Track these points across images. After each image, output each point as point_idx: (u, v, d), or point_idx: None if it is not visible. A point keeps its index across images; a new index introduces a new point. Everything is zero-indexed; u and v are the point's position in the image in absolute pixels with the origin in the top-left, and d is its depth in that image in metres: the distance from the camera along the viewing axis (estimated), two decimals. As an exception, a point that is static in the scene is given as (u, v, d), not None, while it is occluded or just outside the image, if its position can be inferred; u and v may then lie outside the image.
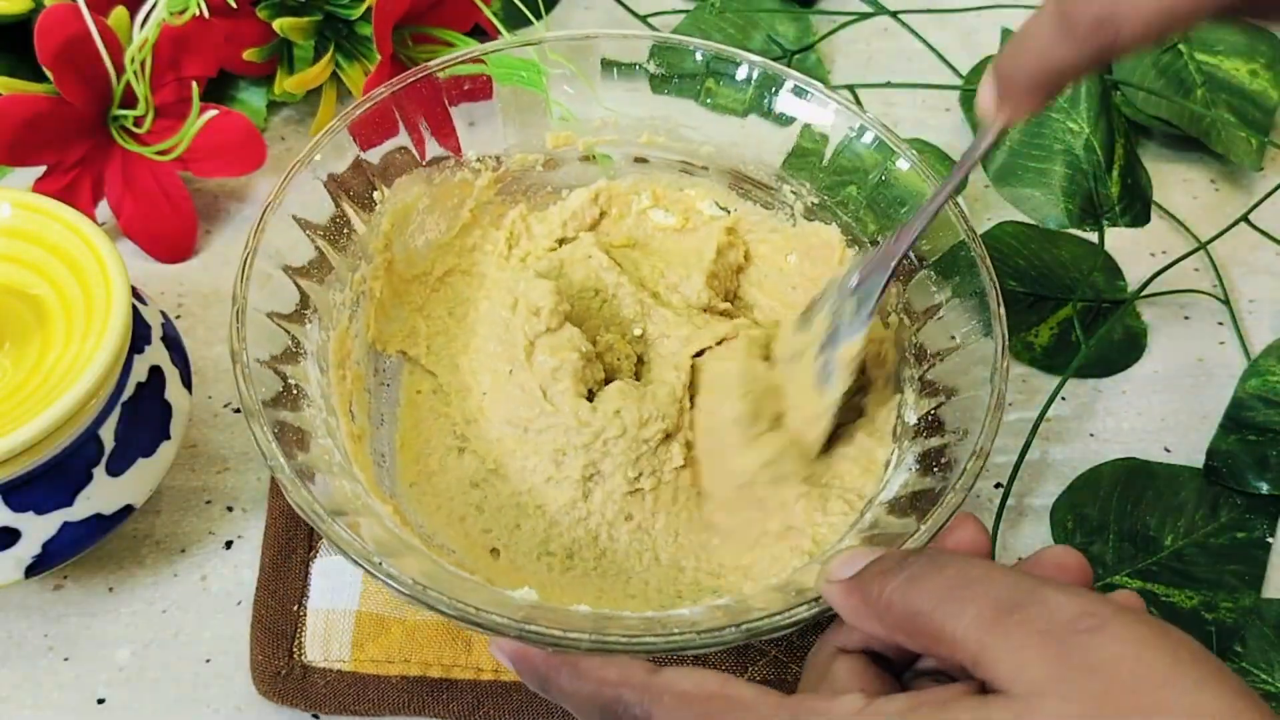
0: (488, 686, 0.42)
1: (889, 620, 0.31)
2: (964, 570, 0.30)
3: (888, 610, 0.31)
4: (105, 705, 0.42)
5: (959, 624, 0.29)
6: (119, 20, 0.51)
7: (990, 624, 0.28)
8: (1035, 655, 0.27)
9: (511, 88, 0.51)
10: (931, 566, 0.31)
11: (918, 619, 0.30)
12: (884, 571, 0.32)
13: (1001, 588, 0.29)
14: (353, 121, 0.47)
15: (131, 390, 0.41)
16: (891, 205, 0.48)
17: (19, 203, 0.43)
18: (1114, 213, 0.56)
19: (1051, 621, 0.28)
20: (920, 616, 0.30)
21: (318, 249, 0.45)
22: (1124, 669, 0.26)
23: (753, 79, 0.50)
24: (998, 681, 0.28)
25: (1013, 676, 0.27)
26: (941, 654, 0.30)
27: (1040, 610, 0.28)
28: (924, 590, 0.30)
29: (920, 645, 0.31)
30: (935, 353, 0.45)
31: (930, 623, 0.30)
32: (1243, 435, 0.51)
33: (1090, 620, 0.27)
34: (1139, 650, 0.27)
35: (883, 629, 0.32)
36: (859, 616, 0.32)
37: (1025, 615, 0.28)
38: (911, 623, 0.30)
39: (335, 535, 0.36)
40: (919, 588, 0.30)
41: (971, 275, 0.44)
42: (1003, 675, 0.28)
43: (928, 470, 0.41)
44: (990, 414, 0.40)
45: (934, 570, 0.31)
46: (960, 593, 0.29)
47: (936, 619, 0.29)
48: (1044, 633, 0.28)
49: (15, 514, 0.39)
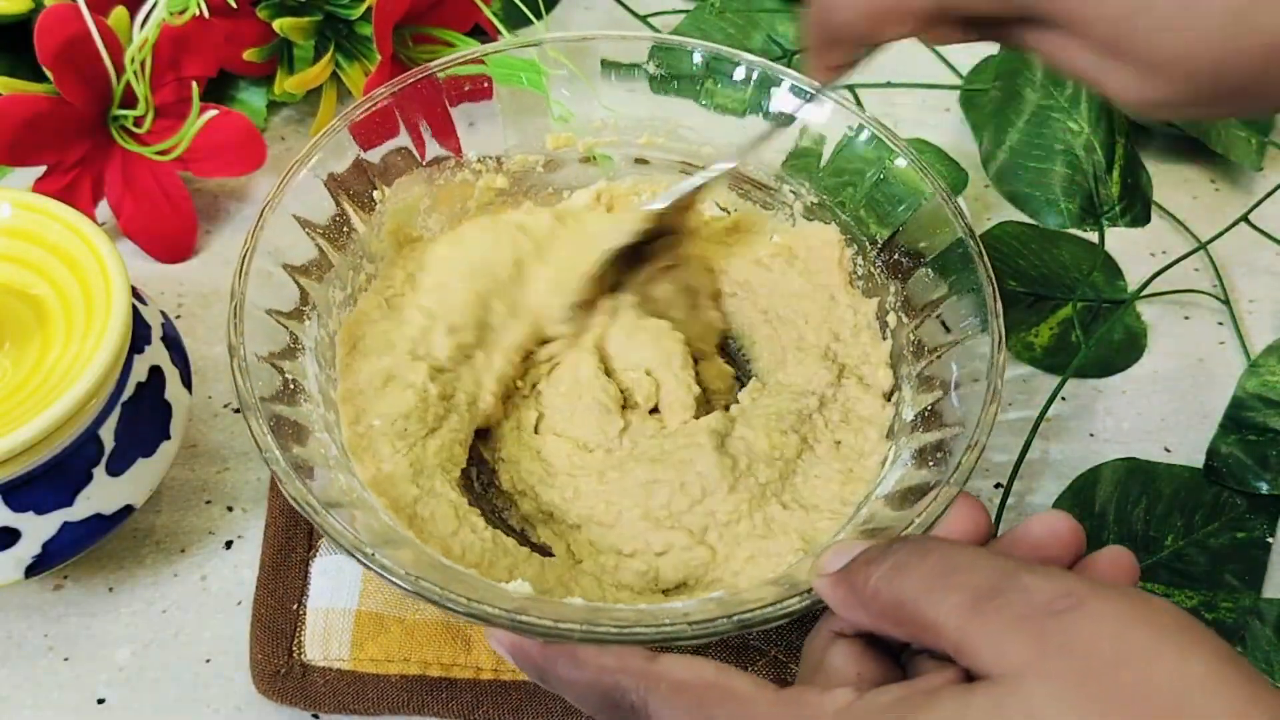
0: (487, 686, 0.42)
1: (875, 610, 0.31)
2: (947, 557, 0.30)
3: (874, 600, 0.31)
4: (105, 705, 0.42)
5: (940, 611, 0.29)
6: (119, 20, 0.51)
7: (969, 611, 0.28)
8: (1013, 639, 0.27)
9: (511, 88, 0.51)
10: (916, 554, 0.31)
11: (902, 608, 0.30)
12: (870, 561, 0.32)
13: (981, 574, 0.29)
14: (353, 121, 0.47)
15: (131, 390, 0.41)
16: (890, 204, 0.48)
17: (19, 203, 0.43)
18: (1114, 213, 0.56)
19: (1028, 605, 0.28)
20: (904, 605, 0.30)
21: (318, 248, 0.45)
22: (1103, 646, 0.26)
23: (752, 79, 0.50)
24: (979, 668, 0.28)
25: (992, 661, 0.27)
26: (927, 642, 0.30)
27: (1017, 594, 0.28)
28: (908, 579, 0.30)
29: (906, 634, 0.31)
30: (933, 348, 0.45)
31: (914, 611, 0.30)
32: (1243, 435, 0.51)
33: (1067, 600, 0.27)
34: (1118, 626, 0.27)
35: (869, 619, 0.32)
36: (847, 607, 0.32)
37: (1003, 600, 0.28)
38: (897, 612, 0.30)
39: (329, 527, 0.36)
40: (903, 576, 0.30)
41: (969, 272, 0.44)
42: (983, 661, 0.28)
43: (924, 464, 0.41)
44: (986, 408, 0.40)
45: (918, 558, 0.30)
46: (942, 581, 0.29)
47: (920, 607, 0.29)
48: (1021, 616, 0.27)
49: (15, 514, 0.39)
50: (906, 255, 0.47)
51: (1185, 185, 0.63)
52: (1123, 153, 0.57)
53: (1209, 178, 0.63)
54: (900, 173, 0.48)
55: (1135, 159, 0.58)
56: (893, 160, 0.48)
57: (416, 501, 0.42)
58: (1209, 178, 0.63)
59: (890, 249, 0.48)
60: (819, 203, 0.50)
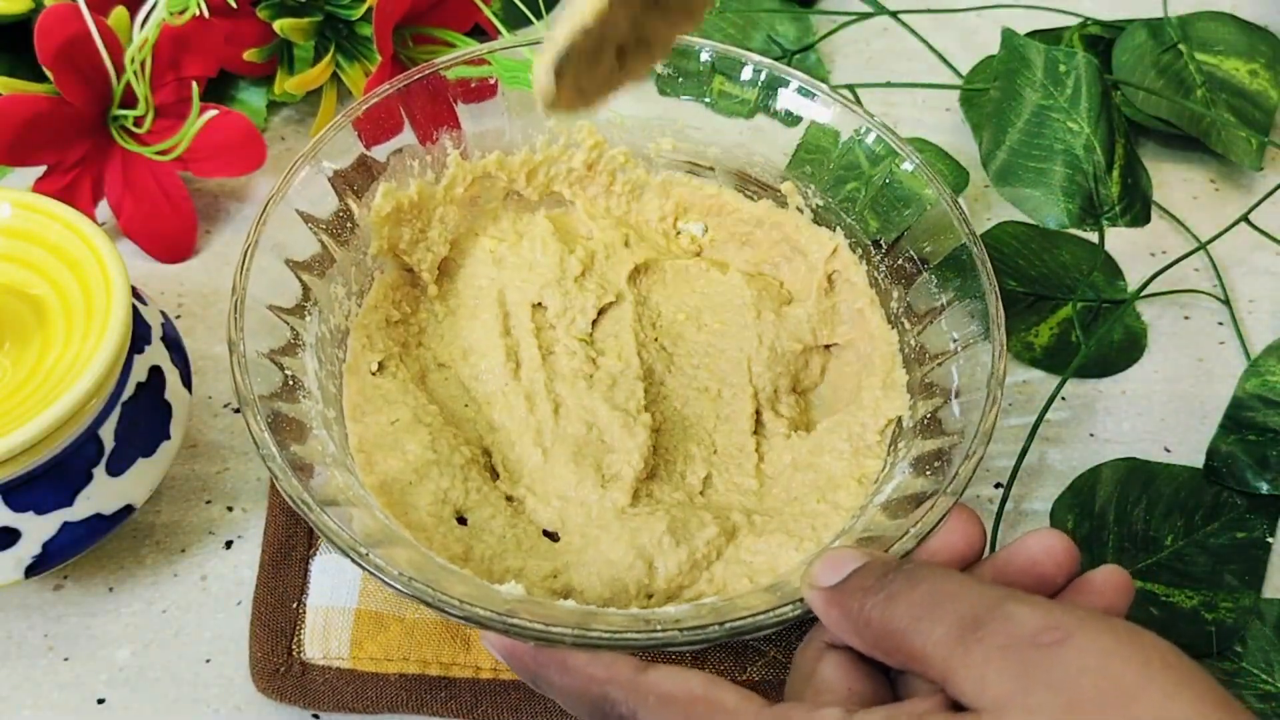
0: (486, 685, 0.42)
1: (868, 636, 0.31)
2: (936, 586, 0.30)
3: (867, 627, 0.31)
4: (105, 705, 0.42)
5: (927, 642, 0.29)
6: (119, 20, 0.51)
7: (955, 642, 0.28)
8: (996, 671, 0.27)
9: (517, 89, 0.51)
10: (908, 583, 0.31)
11: (893, 637, 0.30)
12: (865, 589, 0.32)
13: (967, 604, 0.29)
14: (357, 118, 0.47)
15: (131, 390, 0.41)
16: (894, 206, 0.48)
17: (19, 203, 0.43)
18: (1114, 213, 0.56)
19: (1013, 636, 0.28)
20: (895, 635, 0.30)
21: (320, 243, 0.45)
22: (1088, 682, 0.26)
23: (759, 80, 0.50)
24: (964, 698, 0.28)
25: (976, 693, 0.27)
26: (917, 670, 0.30)
27: (1003, 625, 0.28)
28: (899, 608, 0.30)
29: (897, 662, 0.31)
30: (935, 355, 0.45)
31: (905, 641, 0.30)
32: (1243, 435, 0.50)
33: (1053, 634, 0.27)
34: (1105, 661, 0.27)
35: (862, 644, 0.32)
36: (840, 629, 0.32)
37: (988, 631, 0.28)
38: (888, 641, 0.30)
39: (323, 525, 0.36)
40: (895, 605, 0.31)
41: (972, 279, 0.44)
42: (968, 692, 0.28)
43: (922, 472, 0.41)
44: (984, 418, 0.40)
45: (909, 587, 0.31)
46: (931, 611, 0.30)
47: (909, 637, 0.30)
48: (1005, 648, 0.27)
49: (15, 514, 0.39)
50: (910, 260, 0.47)
51: (1185, 185, 0.63)
52: (1123, 153, 0.57)
53: (1209, 178, 0.63)
54: (906, 176, 0.48)
55: (1135, 159, 0.58)
56: (899, 164, 0.48)
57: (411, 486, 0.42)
58: (1209, 178, 0.63)
59: (895, 253, 0.48)
60: (825, 205, 0.50)
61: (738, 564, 0.42)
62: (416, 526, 0.41)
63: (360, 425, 0.44)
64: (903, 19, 0.70)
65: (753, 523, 0.43)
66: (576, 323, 0.49)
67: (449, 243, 0.50)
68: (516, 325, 0.49)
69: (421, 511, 0.42)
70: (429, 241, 0.50)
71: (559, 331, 0.49)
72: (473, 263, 0.51)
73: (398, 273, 0.49)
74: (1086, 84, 0.58)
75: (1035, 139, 0.58)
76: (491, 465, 0.46)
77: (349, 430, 0.44)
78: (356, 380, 0.45)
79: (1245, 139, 0.62)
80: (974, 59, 0.68)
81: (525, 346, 0.48)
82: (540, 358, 0.47)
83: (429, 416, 0.45)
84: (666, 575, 0.41)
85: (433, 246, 0.50)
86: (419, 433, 0.44)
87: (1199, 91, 0.63)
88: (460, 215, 0.51)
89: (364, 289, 0.48)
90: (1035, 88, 0.58)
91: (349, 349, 0.46)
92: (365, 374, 0.46)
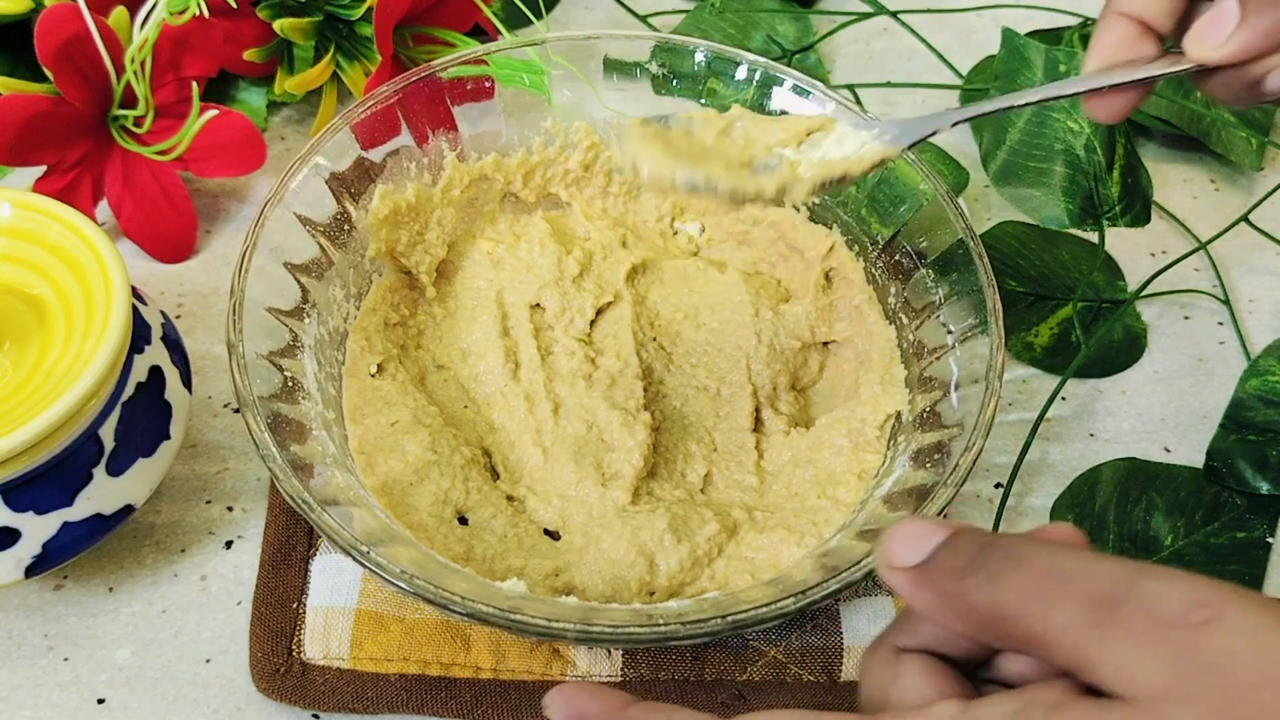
0: (486, 685, 0.42)
1: (973, 622, 0.28)
2: (1051, 564, 0.27)
3: (971, 612, 0.28)
4: (105, 705, 0.42)
5: (1053, 625, 0.26)
6: (119, 20, 0.51)
7: (1089, 625, 0.26)
8: (1146, 657, 0.25)
9: (513, 89, 0.51)
10: (1010, 561, 0.28)
11: (1006, 622, 0.27)
12: (958, 569, 0.28)
13: (1094, 583, 0.26)
14: (355, 120, 0.47)
15: (131, 390, 0.41)
16: (891, 204, 0.48)
17: (19, 203, 0.43)
18: (1114, 213, 0.56)
19: (1157, 617, 0.25)
20: (1008, 620, 0.27)
21: (319, 245, 0.45)
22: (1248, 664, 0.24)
23: (754, 79, 0.50)
24: (1108, 687, 0.25)
25: (1124, 682, 0.25)
26: (1038, 656, 0.27)
27: (1143, 605, 0.25)
28: (1009, 589, 0.27)
29: (1013, 648, 0.28)
30: (933, 349, 0.45)
31: (1021, 626, 0.27)
32: (1243, 435, 0.50)
33: (1203, 612, 0.25)
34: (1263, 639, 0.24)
35: (966, 629, 0.29)
36: (936, 613, 0.29)
37: (1127, 612, 0.25)
38: (999, 626, 0.28)
39: (325, 524, 0.36)
40: (1003, 586, 0.27)
41: (969, 273, 0.44)
42: (1113, 681, 0.25)
43: (922, 465, 0.41)
44: (984, 409, 0.40)
45: (1015, 566, 0.28)
46: (1051, 592, 0.27)
47: (1026, 621, 0.27)
48: (1152, 631, 0.25)
49: (15, 514, 0.39)
50: (907, 256, 0.47)
51: (1185, 185, 0.63)
52: (1123, 153, 0.57)
53: (1209, 178, 0.63)
54: (902, 173, 0.48)
55: (1135, 159, 0.58)
56: (895, 160, 0.48)
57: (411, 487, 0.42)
58: (1209, 178, 0.63)
59: (891, 249, 0.48)
60: (822, 203, 0.50)
61: (739, 560, 0.42)
62: (418, 527, 0.42)
63: (360, 427, 0.44)
64: (903, 19, 0.70)
65: (753, 519, 0.43)
66: (575, 323, 0.49)
67: (446, 245, 0.50)
68: (515, 326, 0.49)
69: (422, 512, 0.42)
70: (426, 244, 0.50)
71: (557, 332, 0.49)
72: (470, 264, 0.51)
73: (396, 275, 0.49)
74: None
75: (1035, 139, 0.58)
76: (492, 465, 0.46)
77: (349, 432, 0.44)
78: (356, 382, 0.46)
79: (1245, 139, 0.62)
80: (974, 59, 0.68)
81: (524, 347, 0.48)
82: (539, 358, 0.48)
83: (429, 418, 0.45)
84: (668, 572, 0.41)
85: (430, 249, 0.50)
86: (419, 434, 0.44)
87: (1199, 92, 0.63)
88: (457, 217, 0.51)
89: (362, 291, 0.48)
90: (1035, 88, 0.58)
91: (348, 351, 0.46)
92: (364, 376, 0.46)
